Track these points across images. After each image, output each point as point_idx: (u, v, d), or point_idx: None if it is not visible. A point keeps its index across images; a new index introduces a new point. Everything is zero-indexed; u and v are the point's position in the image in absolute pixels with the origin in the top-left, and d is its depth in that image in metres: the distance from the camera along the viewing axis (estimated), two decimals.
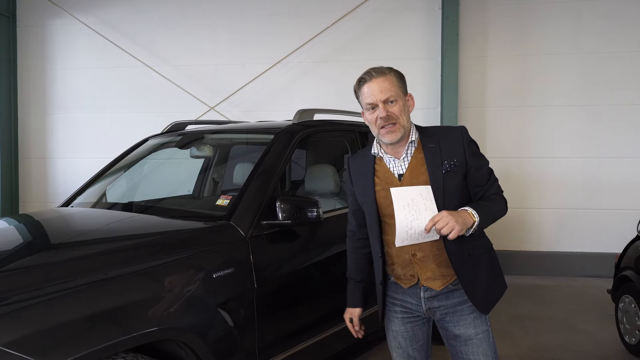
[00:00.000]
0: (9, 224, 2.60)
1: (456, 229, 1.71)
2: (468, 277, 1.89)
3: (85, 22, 6.67)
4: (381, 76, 1.87)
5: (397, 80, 1.90)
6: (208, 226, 2.33)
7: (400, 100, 1.88)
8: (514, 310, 4.61)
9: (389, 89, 1.86)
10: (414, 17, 6.21)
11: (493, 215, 1.87)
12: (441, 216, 1.73)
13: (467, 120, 6.07)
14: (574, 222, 6.01)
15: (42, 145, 6.92)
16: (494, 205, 1.89)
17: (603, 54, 5.92)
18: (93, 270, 1.83)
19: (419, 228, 1.76)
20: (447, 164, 1.86)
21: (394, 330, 2.05)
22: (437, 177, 1.85)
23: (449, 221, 1.71)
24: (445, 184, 1.85)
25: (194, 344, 1.93)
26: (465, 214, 1.78)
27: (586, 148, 5.99)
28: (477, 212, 1.80)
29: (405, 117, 1.89)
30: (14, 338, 1.51)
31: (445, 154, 1.88)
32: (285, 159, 2.64)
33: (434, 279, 1.91)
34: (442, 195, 1.83)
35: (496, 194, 1.94)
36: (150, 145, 3.40)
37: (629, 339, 3.64)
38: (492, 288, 1.96)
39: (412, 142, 1.92)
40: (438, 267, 1.90)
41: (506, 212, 1.95)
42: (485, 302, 1.92)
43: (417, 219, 1.77)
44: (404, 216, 1.77)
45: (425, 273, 1.92)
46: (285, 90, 6.42)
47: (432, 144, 1.90)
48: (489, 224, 1.86)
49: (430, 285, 1.92)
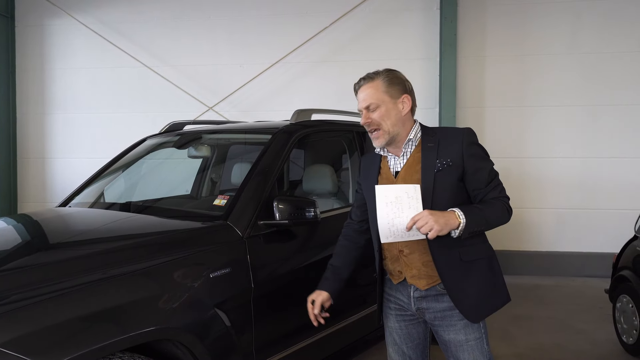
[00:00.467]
0: (7, 224, 2.60)
1: (435, 228, 1.70)
2: (454, 282, 1.85)
3: (83, 22, 6.67)
4: (368, 82, 1.91)
5: (384, 85, 1.89)
6: (205, 226, 2.33)
7: (384, 106, 1.88)
8: (512, 310, 4.60)
9: (370, 96, 1.88)
10: (412, 17, 6.22)
11: (486, 219, 1.81)
12: (422, 215, 1.73)
13: (466, 121, 6.08)
14: (572, 222, 6.02)
15: (41, 145, 6.91)
16: (489, 210, 1.83)
17: (602, 54, 5.93)
18: (90, 270, 1.83)
19: (400, 226, 1.77)
20: (440, 164, 1.85)
21: (390, 327, 2.07)
22: (428, 176, 1.84)
23: (428, 220, 1.71)
24: (435, 184, 1.83)
25: (191, 344, 1.93)
26: (450, 215, 1.75)
27: (585, 148, 5.99)
28: (465, 214, 1.76)
29: (391, 122, 1.88)
30: (11, 337, 1.51)
31: (442, 153, 1.87)
32: (283, 159, 2.64)
33: (419, 277, 1.91)
34: (430, 195, 1.82)
35: (496, 199, 1.87)
36: (148, 145, 3.40)
37: (627, 339, 3.64)
38: (485, 297, 1.89)
39: (411, 141, 1.92)
40: (424, 266, 1.89)
41: (508, 219, 1.89)
42: (473, 312, 1.87)
43: (399, 217, 1.77)
44: (385, 214, 1.78)
45: (410, 270, 1.92)
46: (283, 90, 6.42)
47: (432, 144, 1.90)
48: (481, 228, 1.81)
49: (415, 283, 1.92)
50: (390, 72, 1.93)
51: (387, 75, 1.91)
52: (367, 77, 1.92)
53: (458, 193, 1.87)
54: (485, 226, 1.83)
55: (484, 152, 1.94)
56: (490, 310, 1.92)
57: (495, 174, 1.92)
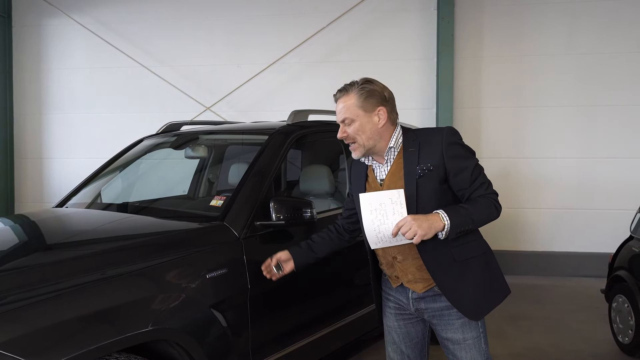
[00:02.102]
0: (4, 224, 2.60)
1: (419, 233, 1.70)
2: (450, 284, 1.85)
3: (81, 22, 6.66)
4: (343, 96, 1.91)
5: (357, 99, 1.88)
6: (202, 227, 2.33)
7: (358, 120, 1.88)
8: (508, 310, 4.62)
9: (344, 110, 1.90)
10: (409, 17, 6.23)
11: (472, 218, 1.79)
12: (405, 221, 1.73)
13: (463, 121, 6.09)
14: (569, 222, 6.04)
15: (38, 145, 6.91)
16: (474, 208, 1.81)
17: (599, 55, 5.95)
18: (87, 271, 1.83)
19: (387, 232, 1.78)
20: (420, 169, 1.84)
21: (389, 326, 2.08)
22: (411, 182, 1.84)
23: (411, 226, 1.71)
24: (418, 189, 1.83)
25: (187, 345, 1.93)
26: (434, 218, 1.74)
27: (581, 148, 6.01)
28: (449, 215, 1.75)
29: (366, 136, 1.88)
30: (7, 338, 1.51)
31: (422, 158, 1.85)
32: (280, 159, 2.65)
33: (414, 281, 1.92)
34: (415, 201, 1.83)
35: (483, 196, 1.85)
36: (146, 146, 3.40)
37: (622, 339, 3.66)
38: (484, 294, 1.90)
39: (391, 148, 1.92)
40: (418, 270, 1.90)
41: (496, 215, 1.86)
42: (474, 310, 1.87)
43: (384, 223, 1.78)
44: (370, 221, 1.80)
45: (406, 276, 1.94)
46: (281, 90, 6.42)
47: (412, 148, 1.89)
48: (467, 227, 1.79)
49: (412, 287, 1.94)
50: (366, 83, 1.90)
51: (363, 88, 1.88)
52: (342, 89, 1.92)
53: (443, 195, 1.86)
54: (472, 225, 1.82)
55: (465, 151, 1.89)
56: (491, 306, 1.93)
57: (480, 171, 1.88)
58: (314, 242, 2.22)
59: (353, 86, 1.90)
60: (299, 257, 2.19)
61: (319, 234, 2.25)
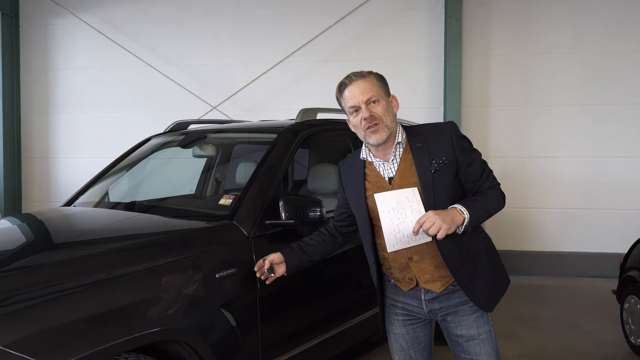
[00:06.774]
0: (11, 224, 2.59)
1: (443, 227, 1.69)
2: (466, 277, 1.86)
3: (87, 21, 6.67)
4: (361, 78, 1.87)
5: (378, 82, 1.88)
6: (211, 226, 2.31)
7: (383, 101, 1.86)
8: (517, 311, 4.59)
9: (370, 89, 1.85)
10: (416, 16, 6.19)
11: (486, 210, 1.83)
12: (427, 216, 1.71)
13: (470, 120, 6.05)
14: (577, 222, 5.98)
15: (45, 145, 6.92)
16: (486, 200, 1.85)
17: (607, 54, 5.89)
18: (95, 271, 1.82)
19: (407, 231, 1.75)
20: (436, 163, 1.83)
21: (396, 333, 2.04)
22: (427, 178, 1.82)
23: (435, 221, 1.69)
24: (435, 184, 1.82)
25: (196, 345, 1.92)
26: (454, 212, 1.75)
27: (590, 147, 5.96)
28: (467, 209, 1.76)
29: (390, 117, 1.86)
30: (15, 338, 1.50)
31: (434, 152, 1.85)
32: (288, 158, 2.63)
33: (432, 281, 1.89)
34: (432, 196, 1.81)
35: (491, 188, 1.89)
36: (153, 145, 3.39)
37: (634, 340, 3.61)
38: (494, 284, 1.93)
39: (399, 144, 1.90)
40: (436, 269, 1.88)
41: (503, 205, 1.91)
42: (487, 300, 1.90)
43: (404, 222, 1.75)
44: (389, 220, 1.76)
45: (423, 276, 1.90)
46: (287, 89, 6.41)
47: (420, 143, 1.87)
48: (482, 219, 1.83)
49: (430, 287, 1.90)
50: (376, 72, 1.92)
51: (377, 75, 1.91)
52: (357, 74, 1.89)
53: (456, 189, 1.88)
54: (486, 217, 1.85)
55: (470, 144, 1.94)
56: (500, 296, 1.96)
57: (485, 163, 1.94)
58: (307, 245, 2.18)
59: (369, 72, 1.90)
60: (292, 261, 2.13)
61: (312, 237, 2.21)
